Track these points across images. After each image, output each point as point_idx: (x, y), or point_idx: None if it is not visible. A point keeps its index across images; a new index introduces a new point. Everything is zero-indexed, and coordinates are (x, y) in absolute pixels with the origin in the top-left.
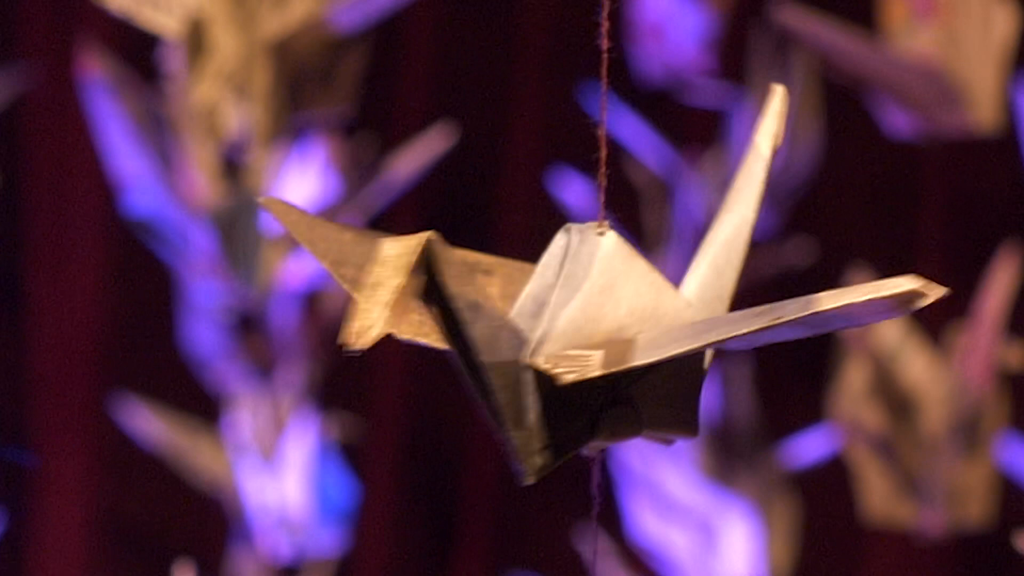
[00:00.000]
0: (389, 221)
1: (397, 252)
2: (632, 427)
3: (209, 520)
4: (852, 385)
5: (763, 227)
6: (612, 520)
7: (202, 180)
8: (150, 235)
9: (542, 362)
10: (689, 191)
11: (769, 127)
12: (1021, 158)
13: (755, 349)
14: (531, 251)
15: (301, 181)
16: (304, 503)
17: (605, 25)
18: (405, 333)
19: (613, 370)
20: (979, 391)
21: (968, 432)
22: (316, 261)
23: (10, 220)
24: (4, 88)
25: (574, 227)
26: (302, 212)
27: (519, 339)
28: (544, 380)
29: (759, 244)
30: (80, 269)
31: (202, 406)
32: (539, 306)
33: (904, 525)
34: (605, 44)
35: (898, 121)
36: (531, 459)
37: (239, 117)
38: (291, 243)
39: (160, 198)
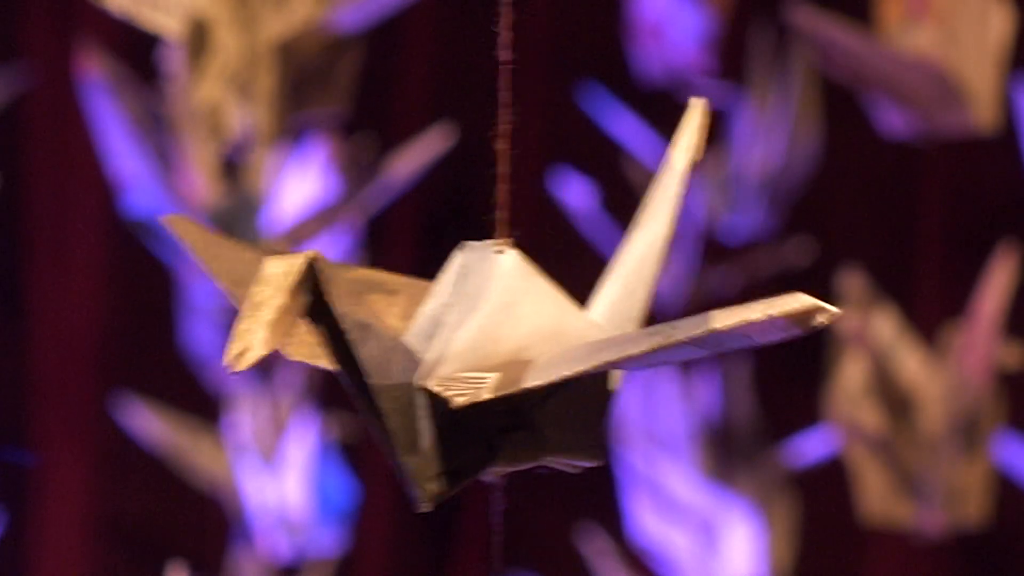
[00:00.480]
0: (389, 221)
1: (280, 271)
2: (533, 452)
3: (209, 520)
4: (850, 385)
5: (763, 227)
6: (612, 520)
7: (202, 180)
8: (150, 235)
9: (434, 384)
10: (689, 191)
11: (687, 141)
12: (1020, 158)
13: (754, 349)
14: (531, 252)
15: (301, 181)
16: (304, 503)
17: (505, 36)
18: (296, 355)
19: (505, 392)
20: (977, 390)
21: (966, 431)
22: (214, 281)
23: (10, 220)
24: (4, 88)
25: (471, 245)
26: (204, 231)
27: (411, 361)
28: (439, 404)
29: (759, 244)
30: (80, 269)
31: (202, 406)
32: (435, 326)
33: (903, 524)
34: (504, 56)
35: (897, 121)
36: (426, 485)
37: (241, 117)
38: (290, 243)
39: (160, 198)
